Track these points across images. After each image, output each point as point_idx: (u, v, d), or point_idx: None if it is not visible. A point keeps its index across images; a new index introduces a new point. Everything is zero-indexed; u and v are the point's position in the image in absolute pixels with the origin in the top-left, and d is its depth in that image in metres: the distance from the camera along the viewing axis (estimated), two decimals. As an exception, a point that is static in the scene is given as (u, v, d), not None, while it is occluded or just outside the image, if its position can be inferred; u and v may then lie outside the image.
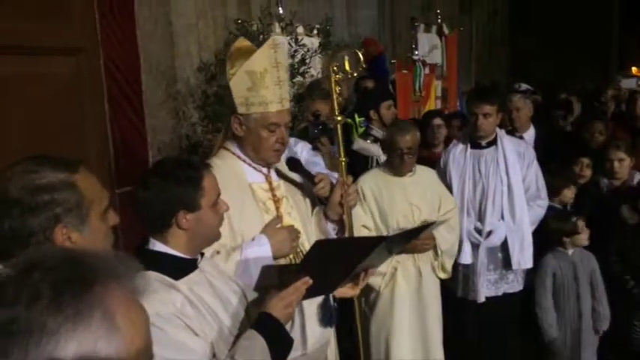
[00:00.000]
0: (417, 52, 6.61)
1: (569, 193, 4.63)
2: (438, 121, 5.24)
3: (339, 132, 2.83)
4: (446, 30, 7.51)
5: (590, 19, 12.65)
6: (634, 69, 16.25)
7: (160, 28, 4.54)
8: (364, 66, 2.78)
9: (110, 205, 1.70)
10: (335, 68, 2.74)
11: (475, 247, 4.04)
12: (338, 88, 2.75)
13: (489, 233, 4.03)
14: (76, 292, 0.87)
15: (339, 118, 2.80)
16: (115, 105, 4.09)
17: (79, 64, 3.86)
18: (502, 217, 4.04)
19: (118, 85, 4.11)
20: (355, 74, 2.93)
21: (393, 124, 3.99)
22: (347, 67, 2.77)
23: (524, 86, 7.58)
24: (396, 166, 3.73)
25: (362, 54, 2.76)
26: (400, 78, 6.04)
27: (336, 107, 2.79)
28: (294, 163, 2.80)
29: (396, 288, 3.69)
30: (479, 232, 4.05)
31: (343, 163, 2.81)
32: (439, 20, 7.54)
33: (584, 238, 4.10)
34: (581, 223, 4.10)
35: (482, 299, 4.07)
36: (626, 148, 4.53)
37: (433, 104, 6.75)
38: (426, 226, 2.99)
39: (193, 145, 4.69)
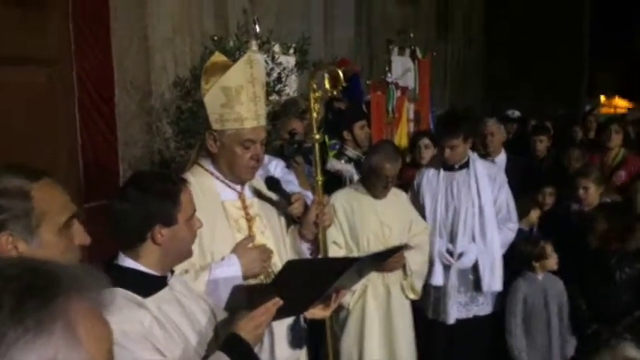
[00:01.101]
0: (390, 75, 6.65)
1: (534, 215, 4.68)
2: (425, 141, 5.27)
3: (317, 150, 2.81)
4: (419, 54, 7.60)
5: (563, 46, 12.91)
6: (602, 97, 16.65)
7: (135, 42, 4.49)
8: (344, 85, 2.77)
9: (73, 220, 1.63)
10: (315, 86, 2.73)
11: (447, 268, 4.06)
12: (317, 106, 2.73)
13: (460, 255, 4.05)
14: (37, 302, 0.84)
15: (317, 137, 2.79)
16: (87, 117, 4.02)
17: (51, 75, 3.80)
18: (473, 239, 4.07)
19: (91, 97, 4.04)
20: (335, 92, 2.92)
21: (380, 148, 3.86)
22: (327, 85, 2.77)
23: (516, 113, 7.80)
24: (377, 190, 3.77)
25: (342, 72, 2.75)
26: (375, 99, 6.06)
27: (314, 125, 2.78)
28: (272, 182, 2.77)
29: (366, 306, 3.69)
30: (450, 253, 4.06)
31: (320, 183, 2.80)
32: (411, 46, 7.64)
33: (552, 262, 4.12)
34: (549, 247, 4.12)
35: (452, 321, 4.08)
36: (595, 177, 4.53)
37: (405, 126, 6.78)
38: (397, 249, 2.99)
39: (165, 160, 4.63)
